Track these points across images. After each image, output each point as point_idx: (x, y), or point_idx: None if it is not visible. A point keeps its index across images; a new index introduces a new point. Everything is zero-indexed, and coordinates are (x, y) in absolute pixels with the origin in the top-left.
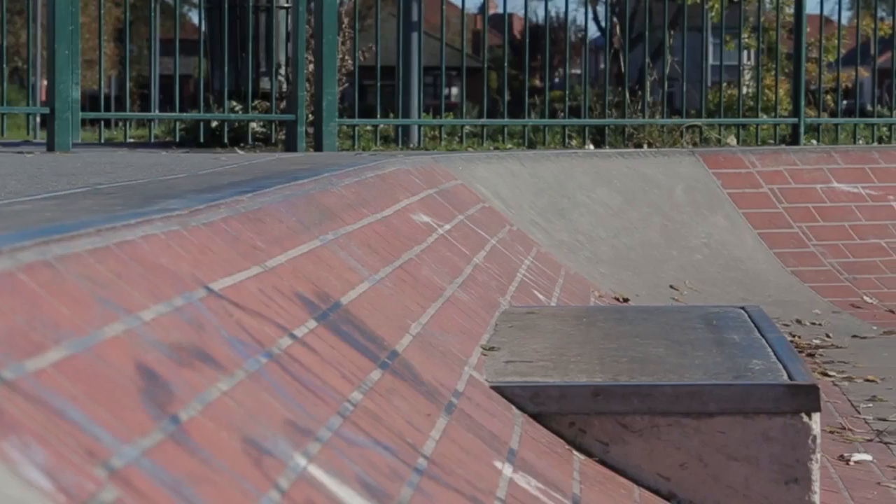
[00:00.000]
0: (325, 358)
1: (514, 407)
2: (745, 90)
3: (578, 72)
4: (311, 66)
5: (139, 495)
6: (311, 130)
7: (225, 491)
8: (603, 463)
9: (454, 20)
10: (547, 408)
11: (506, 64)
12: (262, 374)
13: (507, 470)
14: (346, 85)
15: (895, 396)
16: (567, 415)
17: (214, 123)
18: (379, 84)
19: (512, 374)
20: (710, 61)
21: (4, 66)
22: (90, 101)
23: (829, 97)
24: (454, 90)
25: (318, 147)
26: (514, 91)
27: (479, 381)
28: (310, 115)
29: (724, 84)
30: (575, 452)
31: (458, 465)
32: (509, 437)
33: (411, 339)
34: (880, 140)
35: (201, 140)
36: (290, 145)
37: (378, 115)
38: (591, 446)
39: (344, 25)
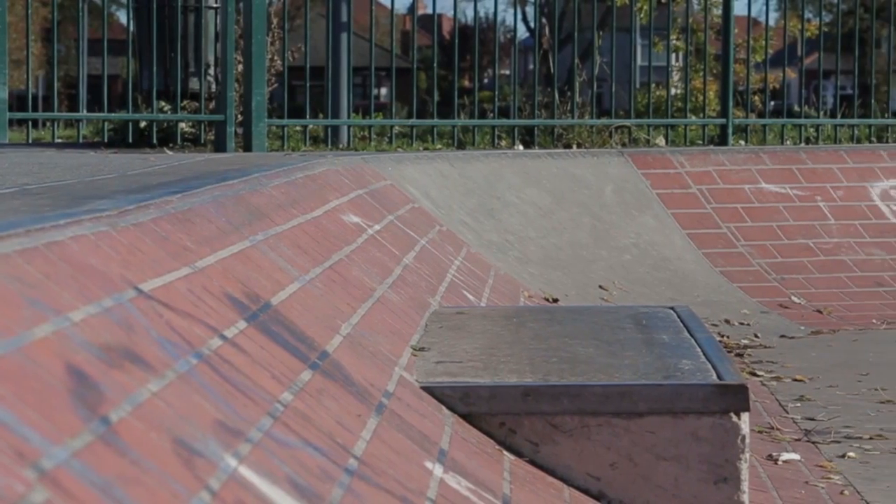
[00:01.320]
0: (255, 359)
1: (444, 407)
2: (673, 91)
3: (508, 72)
4: (240, 67)
5: (69, 496)
6: (240, 131)
7: (155, 492)
8: (533, 463)
9: (383, 20)
10: (477, 408)
11: (435, 64)
12: (192, 375)
13: (438, 470)
14: (276, 85)
15: (823, 396)
16: (497, 415)
17: (143, 124)
18: (308, 84)
19: (442, 375)
20: (639, 62)
21: None
22: (17, 101)
23: (756, 98)
24: (383, 90)
25: (247, 147)
26: (444, 91)
27: (409, 381)
28: (239, 116)
29: (653, 85)
30: (505, 452)
31: (389, 466)
32: (440, 437)
33: (341, 340)
34: (807, 141)
35: (130, 140)
36: (220, 146)
37: (307, 116)
38: (522, 446)
39: (273, 26)
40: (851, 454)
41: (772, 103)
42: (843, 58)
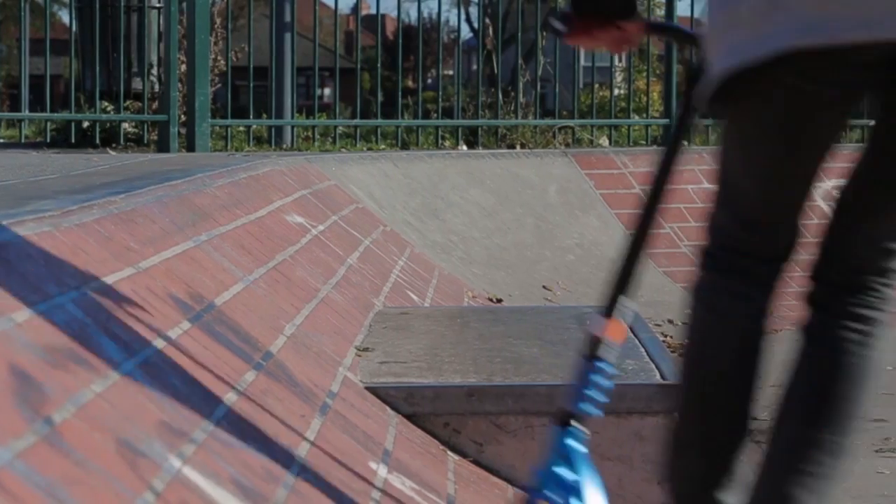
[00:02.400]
0: (199, 359)
1: (388, 408)
2: (617, 91)
3: (451, 73)
4: (183, 67)
5: (12, 498)
6: (183, 131)
7: (99, 493)
8: (477, 463)
9: (327, 21)
10: (421, 408)
11: (379, 65)
12: (136, 376)
13: (382, 471)
14: (219, 85)
15: (765, 395)
16: (441, 415)
17: (86, 124)
18: (252, 84)
19: (386, 375)
20: (583, 63)
21: None
22: None
23: None
24: (327, 91)
25: (190, 148)
26: (388, 92)
27: (353, 381)
28: (182, 116)
29: (597, 85)
30: (449, 453)
31: (333, 466)
32: (384, 437)
33: (285, 340)
34: None
35: (72, 141)
36: (163, 146)
37: (251, 116)
38: (466, 446)
39: (216, 26)
40: None
41: None
42: None
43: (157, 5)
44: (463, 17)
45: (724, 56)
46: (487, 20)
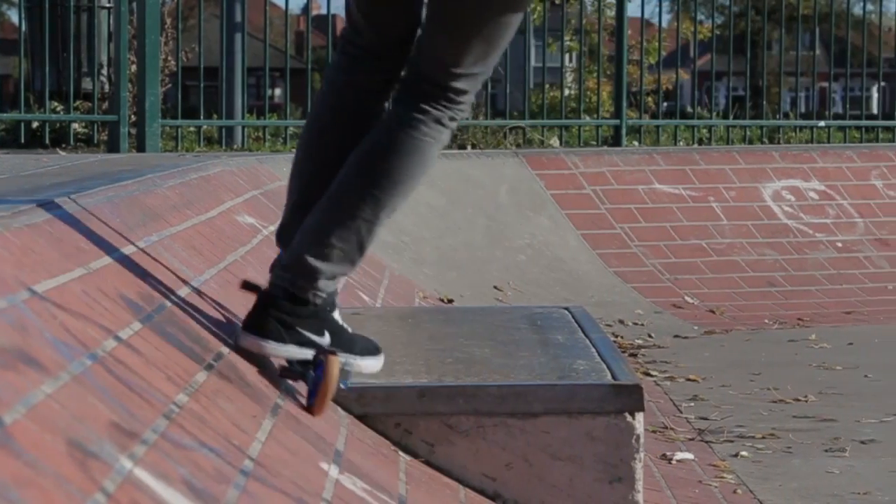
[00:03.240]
0: (150, 360)
1: (339, 408)
2: (567, 92)
3: None
4: (133, 67)
5: None
6: (133, 131)
7: (50, 494)
8: (429, 463)
9: (277, 21)
10: (373, 409)
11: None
12: (87, 377)
13: (333, 471)
14: (169, 86)
15: (716, 396)
16: (393, 416)
17: (35, 124)
18: (202, 85)
19: None
20: (533, 63)
21: None
22: None
23: (650, 99)
24: (278, 91)
25: (140, 148)
26: None
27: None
28: (132, 116)
29: (547, 86)
30: (401, 453)
31: (284, 467)
32: (335, 438)
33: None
34: (700, 141)
35: (22, 141)
36: (113, 146)
37: (201, 116)
38: (417, 447)
39: (167, 26)
40: (744, 453)
41: (665, 104)
42: (735, 59)
43: (107, 5)
44: None
45: None
46: None
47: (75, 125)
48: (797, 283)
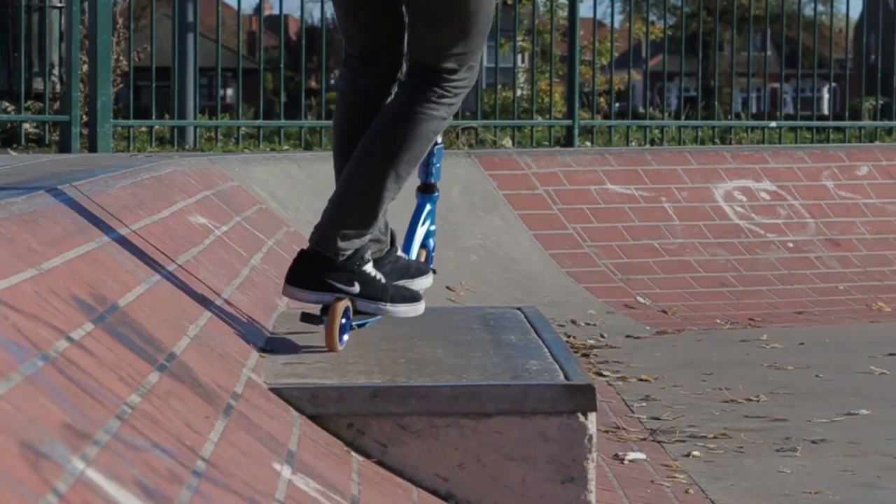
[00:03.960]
0: (102, 360)
1: (292, 408)
2: (520, 92)
3: None
4: (85, 67)
5: None
6: (85, 131)
7: (1, 495)
8: (381, 464)
9: (230, 21)
10: (325, 409)
11: (282, 65)
12: (39, 378)
13: (286, 472)
14: (121, 86)
15: (668, 396)
16: (345, 416)
17: None
18: (154, 85)
19: (290, 376)
20: (485, 63)
21: None
22: None
23: (602, 100)
24: (230, 91)
25: (92, 148)
26: (291, 92)
27: (257, 382)
28: (84, 116)
29: (500, 86)
30: (353, 454)
31: (237, 467)
32: (288, 438)
33: (189, 341)
34: (652, 142)
35: None
36: (65, 146)
37: (153, 117)
38: (370, 447)
39: (118, 26)
40: (696, 453)
41: (617, 105)
42: (687, 60)
43: (59, 5)
44: None
45: None
46: None
47: (26, 125)
48: (749, 284)
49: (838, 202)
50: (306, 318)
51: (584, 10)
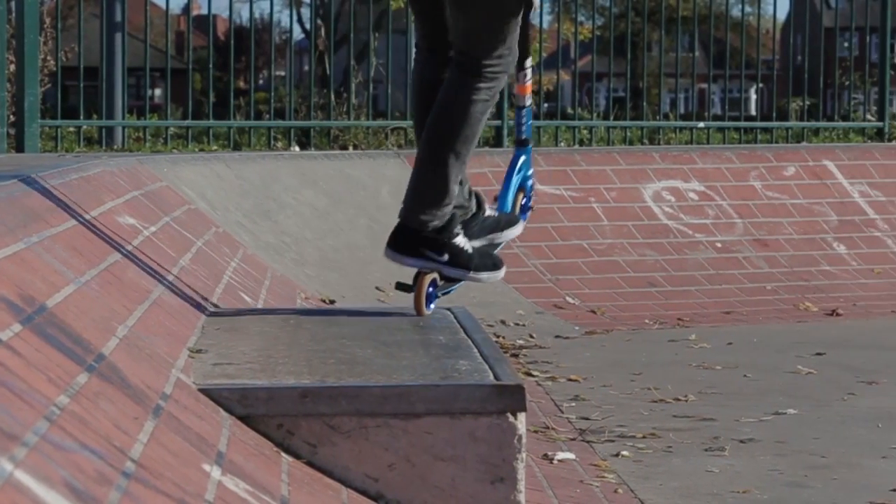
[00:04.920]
0: (30, 361)
1: (221, 409)
2: None
3: (283, 73)
4: (12, 67)
5: None
6: (12, 132)
7: None
8: (311, 464)
9: (158, 21)
10: (255, 410)
11: (211, 65)
12: None
13: (216, 472)
14: (49, 86)
15: (597, 396)
16: (275, 416)
17: None
18: (82, 85)
19: (219, 377)
20: None
21: None
22: None
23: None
24: (158, 91)
25: (19, 149)
26: (219, 92)
27: (186, 383)
28: (11, 117)
29: None
30: (283, 454)
31: (166, 468)
32: (217, 439)
33: (118, 342)
34: (581, 142)
35: None
36: None
37: (81, 117)
38: (300, 448)
39: (46, 25)
40: (625, 453)
41: (546, 105)
42: (616, 61)
43: None
44: (295, 17)
45: None
46: (319, 21)
47: None
48: (677, 284)
49: (766, 202)
50: (400, 286)
51: None
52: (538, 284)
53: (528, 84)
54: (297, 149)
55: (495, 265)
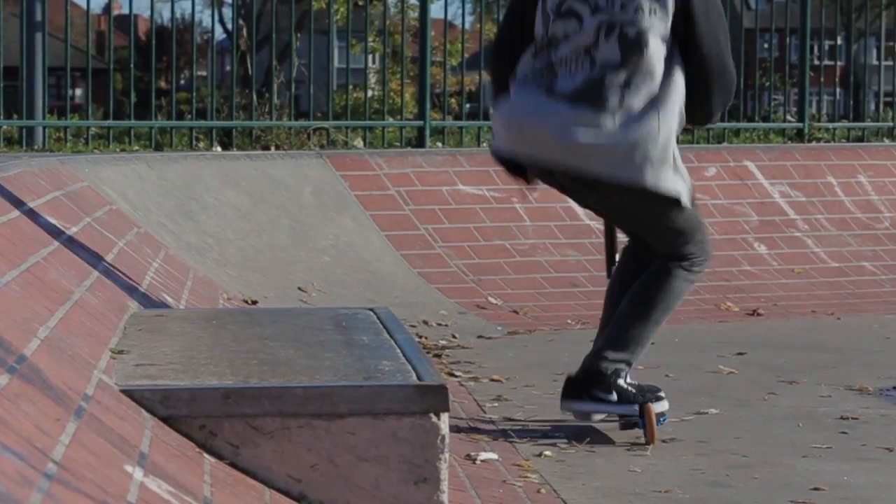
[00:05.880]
0: None
1: (144, 410)
2: (371, 93)
3: (205, 73)
4: None
5: None
6: None
7: None
8: (234, 465)
9: (79, 20)
10: (177, 411)
11: (132, 65)
12: None
13: (138, 474)
14: None
15: (520, 396)
16: (197, 417)
17: None
18: (1, 84)
19: (142, 378)
20: (337, 64)
21: None
22: None
23: (453, 100)
24: (79, 91)
25: None
26: (141, 93)
27: (108, 384)
28: None
29: (351, 87)
30: (206, 455)
31: (89, 470)
32: (139, 440)
33: (39, 343)
34: None
35: None
36: None
37: (1, 117)
38: (222, 449)
39: None
40: (548, 453)
41: (468, 105)
42: None
43: None
44: (216, 17)
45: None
46: (241, 21)
47: None
48: (599, 284)
49: None
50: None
51: (435, 11)
52: (461, 285)
53: None
54: (218, 149)
55: (657, 394)
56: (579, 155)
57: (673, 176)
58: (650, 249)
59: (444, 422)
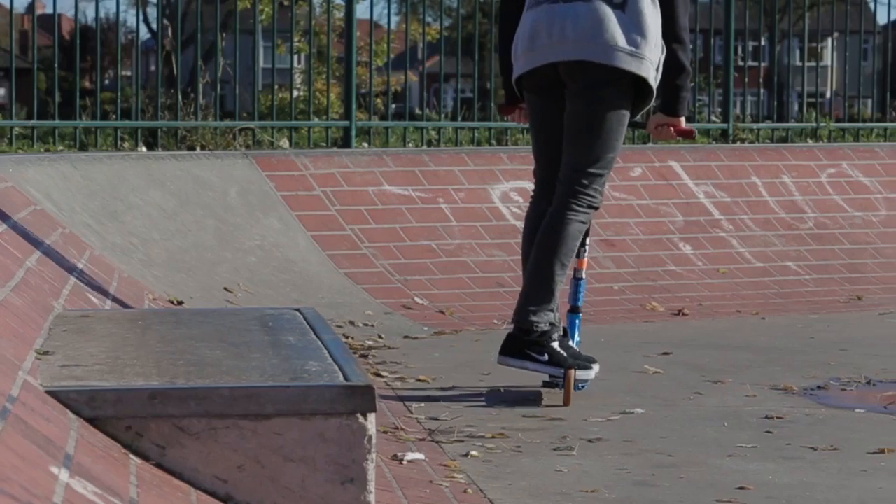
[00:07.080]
0: None
1: (69, 411)
2: (297, 93)
3: (130, 73)
4: None
5: None
6: None
7: None
8: (160, 466)
9: (2, 20)
10: (103, 412)
11: (56, 65)
12: None
13: (64, 475)
14: None
15: (446, 396)
16: (124, 418)
17: None
18: None
19: (67, 379)
20: (262, 64)
21: None
22: None
23: (379, 101)
24: (2, 91)
25: None
26: (65, 92)
27: (33, 385)
28: None
29: (277, 87)
30: (132, 456)
31: (13, 472)
32: (65, 441)
33: None
34: (429, 143)
35: None
36: None
37: None
38: (149, 450)
39: None
40: (474, 453)
41: (394, 106)
42: (463, 61)
43: None
44: (141, 17)
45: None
46: (166, 21)
47: None
48: None
49: (613, 203)
50: (546, 385)
51: (361, 11)
52: (387, 285)
53: (585, 259)
54: (144, 149)
55: (588, 363)
56: (594, 46)
57: (655, 76)
58: (550, 195)
59: (370, 422)
